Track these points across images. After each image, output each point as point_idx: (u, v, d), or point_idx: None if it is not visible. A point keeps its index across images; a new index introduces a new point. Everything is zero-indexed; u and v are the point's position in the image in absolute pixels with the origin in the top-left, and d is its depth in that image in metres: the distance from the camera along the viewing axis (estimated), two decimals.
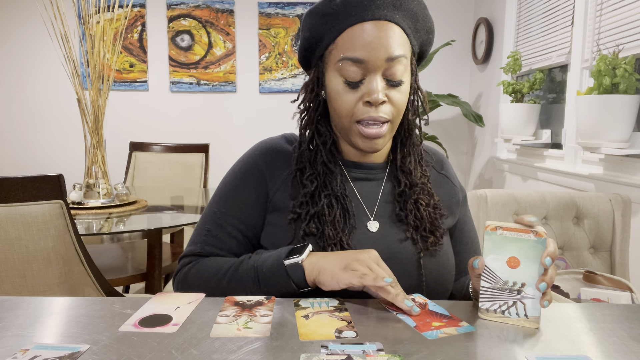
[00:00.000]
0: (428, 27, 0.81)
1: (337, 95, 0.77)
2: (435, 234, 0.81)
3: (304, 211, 0.79)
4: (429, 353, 0.54)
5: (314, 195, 0.80)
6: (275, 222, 0.81)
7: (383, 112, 0.75)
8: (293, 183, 0.82)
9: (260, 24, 3.43)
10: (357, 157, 0.84)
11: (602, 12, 1.95)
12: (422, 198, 0.83)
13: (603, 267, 1.45)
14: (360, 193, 0.83)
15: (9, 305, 0.68)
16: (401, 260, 0.78)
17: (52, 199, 1.22)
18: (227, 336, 0.58)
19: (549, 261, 0.62)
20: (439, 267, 0.81)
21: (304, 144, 0.83)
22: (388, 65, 0.74)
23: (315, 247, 0.77)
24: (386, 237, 0.80)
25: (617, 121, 1.66)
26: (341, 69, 0.76)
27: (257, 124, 3.51)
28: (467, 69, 3.49)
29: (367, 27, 0.74)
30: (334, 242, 0.76)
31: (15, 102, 3.47)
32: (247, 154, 0.87)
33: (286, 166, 0.84)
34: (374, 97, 0.74)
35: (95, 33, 1.84)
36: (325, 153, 0.81)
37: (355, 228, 0.79)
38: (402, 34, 0.76)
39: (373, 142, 0.77)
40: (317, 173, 0.80)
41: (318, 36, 0.79)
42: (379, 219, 0.82)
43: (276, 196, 0.82)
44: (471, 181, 3.47)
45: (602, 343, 0.58)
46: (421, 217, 0.81)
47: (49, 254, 1.23)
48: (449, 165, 0.94)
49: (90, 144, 1.88)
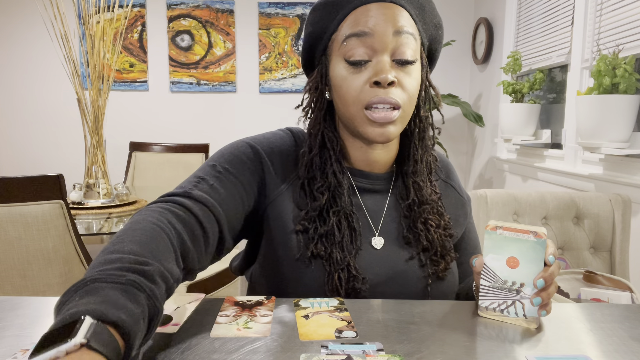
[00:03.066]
0: (436, 22, 0.78)
1: (342, 81, 0.72)
2: (446, 259, 0.78)
3: (312, 228, 0.74)
4: (429, 353, 0.54)
5: (322, 211, 0.74)
6: (276, 229, 0.75)
7: (393, 94, 0.69)
8: (301, 191, 0.76)
9: (260, 24, 3.43)
10: (364, 164, 0.79)
11: (602, 12, 1.95)
12: (432, 218, 0.78)
13: (603, 267, 1.45)
14: (367, 206, 0.78)
15: (9, 305, 0.68)
16: (406, 281, 0.75)
17: (52, 199, 1.22)
18: (227, 336, 0.58)
19: (552, 259, 0.62)
20: (445, 290, 0.78)
21: (314, 149, 0.76)
22: (396, 42, 0.70)
23: (322, 271, 0.72)
24: (391, 256, 0.76)
25: (617, 121, 1.66)
26: (346, 50, 0.71)
27: (257, 124, 3.51)
28: (467, 69, 3.49)
29: (371, 7, 0.70)
30: (341, 267, 0.71)
31: (16, 102, 3.47)
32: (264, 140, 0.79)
33: (292, 169, 0.78)
34: (383, 76, 0.68)
35: (95, 33, 1.84)
36: (335, 160, 0.76)
37: (361, 249, 0.75)
38: (409, 17, 0.72)
39: (384, 129, 0.71)
40: (328, 184, 0.75)
41: (321, 28, 0.75)
42: (384, 235, 0.77)
43: (277, 201, 0.76)
44: (471, 181, 3.47)
45: (602, 343, 0.58)
46: (432, 239, 0.77)
47: (49, 254, 1.23)
48: (454, 172, 0.90)
49: (90, 144, 1.88)
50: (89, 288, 0.46)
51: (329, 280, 0.72)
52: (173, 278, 0.55)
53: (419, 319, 0.64)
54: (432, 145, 0.81)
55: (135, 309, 0.45)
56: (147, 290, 0.49)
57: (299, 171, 0.77)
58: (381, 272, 0.75)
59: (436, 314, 0.66)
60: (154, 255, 0.54)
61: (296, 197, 0.76)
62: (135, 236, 0.56)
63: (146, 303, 0.48)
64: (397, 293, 0.75)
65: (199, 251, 0.65)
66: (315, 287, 0.72)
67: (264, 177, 0.76)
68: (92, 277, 0.47)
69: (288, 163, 0.78)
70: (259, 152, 0.76)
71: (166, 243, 0.58)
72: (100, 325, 0.41)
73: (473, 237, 0.90)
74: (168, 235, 0.59)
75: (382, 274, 0.75)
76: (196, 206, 0.66)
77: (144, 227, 0.58)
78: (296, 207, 0.76)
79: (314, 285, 0.72)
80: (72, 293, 0.46)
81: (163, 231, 0.59)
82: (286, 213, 0.75)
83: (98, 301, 0.44)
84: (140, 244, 0.55)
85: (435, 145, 0.83)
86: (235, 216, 0.72)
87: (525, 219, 1.45)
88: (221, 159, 0.74)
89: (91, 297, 0.45)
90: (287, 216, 0.75)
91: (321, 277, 0.72)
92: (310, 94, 0.78)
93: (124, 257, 0.51)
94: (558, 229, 1.46)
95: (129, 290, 0.47)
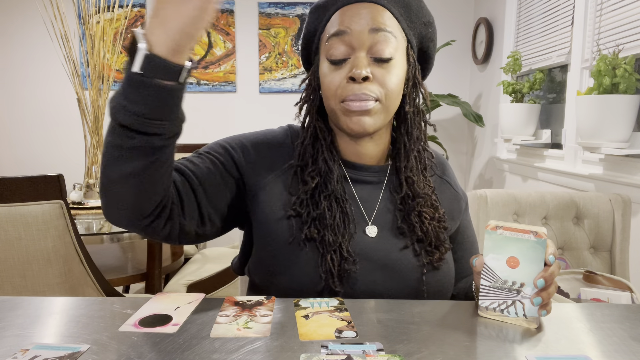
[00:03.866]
0: (425, 20, 0.80)
1: (325, 77, 0.76)
2: (440, 249, 0.79)
3: (305, 212, 0.77)
4: (429, 353, 0.54)
5: (314, 195, 0.78)
6: (268, 215, 0.78)
7: (368, 89, 0.73)
8: (293, 178, 0.80)
9: (260, 24, 3.43)
10: (355, 157, 0.82)
11: (602, 12, 1.95)
12: (427, 211, 0.80)
13: (603, 267, 1.45)
14: (359, 195, 0.81)
15: (9, 305, 0.68)
16: (401, 269, 0.77)
17: (52, 199, 1.22)
18: (227, 336, 0.58)
19: (552, 259, 0.62)
20: (441, 280, 0.79)
21: (307, 139, 0.80)
22: (373, 40, 0.73)
23: (316, 253, 0.75)
24: (386, 244, 0.78)
25: (617, 121, 1.66)
26: (327, 49, 0.76)
27: (257, 124, 3.51)
28: (467, 69, 3.49)
29: (352, 7, 0.75)
30: (333, 248, 0.74)
31: (15, 102, 3.47)
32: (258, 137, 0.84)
33: (285, 159, 0.82)
34: (357, 71, 0.72)
35: (95, 33, 1.84)
36: (326, 149, 0.79)
37: (354, 233, 0.77)
38: (391, 17, 0.75)
39: (360, 120, 0.74)
40: (319, 170, 0.78)
41: (313, 30, 0.81)
42: (378, 224, 0.79)
43: (266, 188, 0.79)
44: (471, 181, 3.47)
45: (602, 343, 0.58)
46: (426, 230, 0.79)
47: (49, 254, 1.23)
48: (450, 169, 0.92)
49: (90, 144, 1.88)
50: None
51: (323, 262, 0.74)
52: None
53: (419, 319, 0.64)
54: (424, 141, 0.83)
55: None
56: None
57: (294, 159, 0.81)
58: (375, 259, 0.76)
59: (436, 314, 0.66)
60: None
61: (288, 184, 0.80)
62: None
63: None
64: (392, 281, 0.76)
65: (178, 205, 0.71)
66: (309, 269, 0.74)
67: (248, 164, 0.80)
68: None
69: (278, 154, 0.82)
70: (242, 144, 0.82)
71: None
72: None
73: (470, 233, 0.92)
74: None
75: (376, 261, 0.76)
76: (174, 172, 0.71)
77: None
78: (288, 193, 0.79)
79: (308, 268, 0.74)
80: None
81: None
82: (276, 199, 0.79)
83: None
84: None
85: (427, 142, 0.85)
86: (215, 191, 0.76)
87: (525, 219, 1.45)
88: (206, 148, 0.81)
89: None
90: (277, 202, 0.79)
91: (315, 258, 0.75)
92: (306, 90, 0.83)
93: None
94: (558, 229, 1.46)
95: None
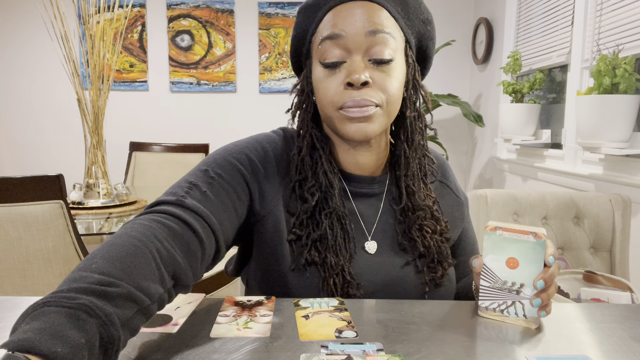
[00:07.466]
0: (424, 18, 0.75)
1: (319, 83, 0.71)
2: (443, 265, 0.76)
3: (305, 234, 0.72)
4: (429, 353, 0.54)
5: (314, 214, 0.73)
6: (271, 240, 0.73)
7: (368, 95, 0.67)
8: (292, 196, 0.74)
9: (260, 24, 3.43)
10: (354, 167, 0.77)
11: (602, 12, 1.95)
12: (428, 224, 0.77)
13: (603, 267, 1.45)
14: (359, 209, 0.77)
15: (9, 305, 0.68)
16: (403, 287, 0.74)
17: (52, 199, 1.22)
18: (227, 336, 0.58)
19: (552, 260, 0.62)
20: (443, 296, 0.77)
21: (304, 150, 0.75)
22: (370, 42, 0.68)
23: (317, 277, 0.71)
24: (386, 262, 0.75)
25: (617, 121, 1.66)
26: (321, 53, 0.70)
27: (257, 124, 3.51)
28: (467, 69, 3.49)
29: (347, 6, 0.69)
30: (336, 272, 0.70)
31: (15, 102, 3.47)
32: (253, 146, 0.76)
33: (285, 172, 0.76)
34: (355, 77, 0.66)
35: (95, 33, 1.84)
36: (325, 159, 0.74)
37: (355, 253, 0.74)
38: (389, 16, 0.70)
39: (361, 126, 0.68)
40: (319, 184, 0.73)
41: (303, 31, 0.75)
42: (378, 240, 0.76)
43: (274, 211, 0.73)
44: (471, 181, 3.47)
45: (602, 343, 0.58)
46: (429, 245, 0.75)
47: (49, 254, 1.23)
48: (451, 171, 0.89)
49: (90, 144, 1.88)
50: (37, 313, 0.42)
51: (324, 286, 0.71)
52: (151, 298, 0.51)
53: (419, 319, 0.64)
54: (425, 147, 0.79)
55: (78, 338, 0.41)
56: (101, 316, 0.43)
57: (291, 174, 0.75)
58: (376, 279, 0.74)
59: (436, 314, 0.66)
60: (128, 274, 0.49)
61: (287, 202, 0.74)
62: (109, 252, 0.51)
63: (97, 330, 0.43)
64: (393, 297, 0.74)
65: (194, 265, 0.60)
66: (311, 293, 0.72)
67: (258, 187, 0.73)
68: (46, 299, 0.44)
69: (281, 169, 0.76)
70: (253, 162, 0.73)
71: (147, 259, 0.52)
72: (18, 356, 0.37)
73: (470, 235, 0.90)
74: (151, 252, 0.54)
75: (378, 281, 0.74)
76: (191, 217, 0.62)
77: (122, 243, 0.53)
78: (287, 213, 0.74)
79: (310, 291, 0.72)
80: (24, 317, 0.43)
81: (146, 247, 0.54)
82: (278, 222, 0.73)
83: (37, 329, 0.40)
84: (112, 260, 0.50)
85: (428, 147, 0.81)
86: (230, 226, 0.69)
87: (525, 219, 1.45)
88: (213, 164, 0.71)
89: (35, 323, 0.41)
90: (278, 225, 0.73)
91: (316, 283, 0.71)
92: (297, 96, 0.78)
93: (88, 276, 0.47)
94: (558, 229, 1.46)
95: (77, 315, 0.42)
